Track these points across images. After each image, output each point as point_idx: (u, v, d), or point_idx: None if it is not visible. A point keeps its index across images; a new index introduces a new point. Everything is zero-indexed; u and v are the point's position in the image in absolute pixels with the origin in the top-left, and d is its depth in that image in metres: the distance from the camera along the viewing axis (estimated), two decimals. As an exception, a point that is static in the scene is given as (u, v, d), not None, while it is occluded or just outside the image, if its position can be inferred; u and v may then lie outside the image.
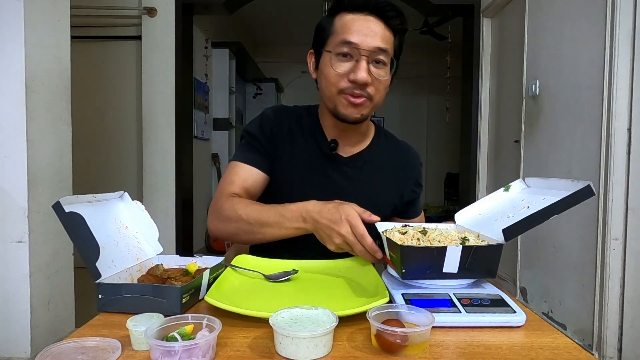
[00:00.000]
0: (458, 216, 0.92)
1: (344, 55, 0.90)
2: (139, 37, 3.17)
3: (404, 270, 0.68)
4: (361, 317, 0.61)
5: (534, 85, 2.36)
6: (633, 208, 1.76)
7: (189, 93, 3.39)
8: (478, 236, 0.80)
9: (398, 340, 0.55)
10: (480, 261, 0.69)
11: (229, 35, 4.69)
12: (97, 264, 0.71)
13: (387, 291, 0.70)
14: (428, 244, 0.75)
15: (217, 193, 0.99)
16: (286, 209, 0.87)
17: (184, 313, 0.65)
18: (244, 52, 4.74)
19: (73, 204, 0.71)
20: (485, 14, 3.07)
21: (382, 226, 0.85)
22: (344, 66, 0.90)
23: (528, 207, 0.77)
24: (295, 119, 1.06)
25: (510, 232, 0.71)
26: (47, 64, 1.74)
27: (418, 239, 0.78)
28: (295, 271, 0.85)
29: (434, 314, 0.59)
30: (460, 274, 0.69)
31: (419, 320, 0.60)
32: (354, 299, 0.73)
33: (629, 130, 1.76)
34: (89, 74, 3.18)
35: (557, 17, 2.20)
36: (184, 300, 0.68)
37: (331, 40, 0.92)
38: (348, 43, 0.88)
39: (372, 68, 0.90)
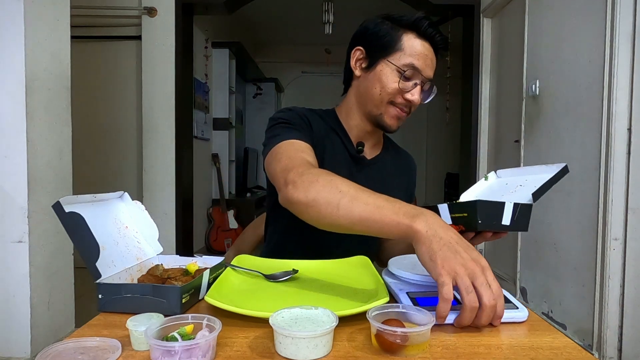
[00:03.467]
0: (462, 198, 0.99)
1: (407, 77, 0.98)
2: (139, 37, 3.17)
3: (480, 221, 0.78)
4: (361, 317, 0.61)
5: (534, 85, 2.36)
6: (633, 208, 1.75)
7: (189, 93, 3.38)
8: None
9: (398, 340, 0.55)
10: (521, 217, 0.79)
11: (229, 35, 4.69)
12: (97, 264, 0.71)
13: (387, 291, 0.70)
14: None
15: (285, 165, 0.83)
16: (395, 199, 0.70)
17: (184, 313, 0.65)
18: (244, 52, 4.74)
19: (73, 204, 0.71)
20: (485, 14, 3.07)
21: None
22: (405, 85, 0.99)
23: (520, 185, 0.88)
24: (320, 118, 1.07)
25: (537, 194, 0.81)
26: (47, 64, 1.74)
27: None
28: (295, 271, 0.85)
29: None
30: (511, 226, 0.79)
31: (419, 320, 0.60)
32: (354, 299, 0.73)
33: (629, 130, 1.76)
34: (89, 74, 3.18)
35: (557, 17, 2.20)
36: (183, 300, 0.68)
37: (398, 56, 0.98)
38: (415, 68, 0.97)
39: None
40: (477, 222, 0.78)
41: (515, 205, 0.81)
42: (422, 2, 3.17)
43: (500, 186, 0.96)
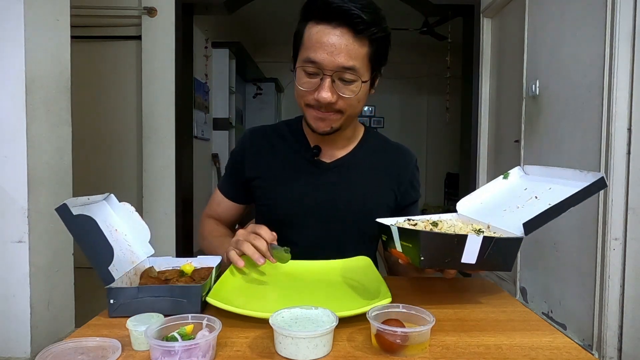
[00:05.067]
0: (460, 205, 0.90)
1: (310, 73, 0.87)
2: (139, 37, 3.16)
3: (422, 258, 0.66)
4: (361, 317, 0.61)
5: (534, 85, 2.36)
6: (633, 208, 1.75)
7: (189, 93, 3.38)
8: (488, 227, 0.78)
9: (398, 340, 0.54)
10: (499, 253, 0.67)
11: (229, 35, 4.69)
12: (109, 268, 0.69)
13: (389, 292, 0.70)
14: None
15: (205, 210, 1.16)
16: (221, 245, 0.98)
17: (201, 313, 0.65)
18: (244, 52, 4.74)
19: (79, 207, 0.71)
20: (485, 14, 3.07)
21: (387, 221, 0.84)
22: (310, 82, 0.87)
23: (536, 197, 0.75)
24: (276, 134, 1.06)
25: (531, 226, 0.69)
26: (47, 64, 1.74)
27: (431, 230, 0.76)
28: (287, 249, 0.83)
29: None
30: (478, 265, 0.67)
31: (419, 320, 0.60)
32: (356, 300, 0.73)
33: (629, 130, 1.76)
34: (89, 74, 3.17)
35: (557, 17, 2.20)
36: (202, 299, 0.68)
37: (300, 54, 0.89)
38: (312, 62, 0.84)
39: (339, 84, 0.86)
40: (418, 257, 0.66)
41: (487, 239, 0.66)
42: (422, 2, 3.17)
43: (513, 193, 0.83)
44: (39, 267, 1.68)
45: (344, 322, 0.62)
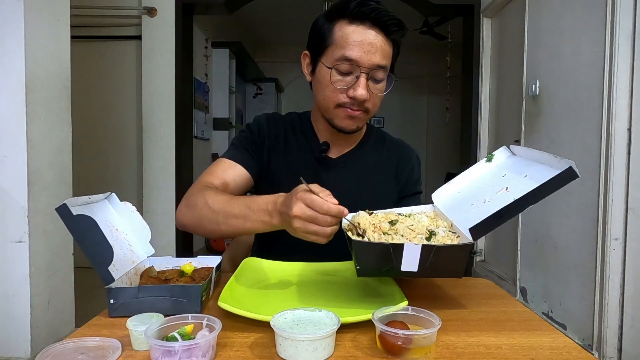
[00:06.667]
0: (436, 196, 0.86)
1: (344, 72, 0.88)
2: (139, 37, 3.16)
3: (358, 267, 0.64)
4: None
5: (534, 85, 2.36)
6: (633, 208, 1.75)
7: (189, 93, 3.38)
8: (451, 226, 0.75)
9: (399, 342, 0.54)
10: (444, 261, 0.64)
11: (229, 35, 4.68)
12: (109, 268, 0.69)
13: (404, 296, 0.69)
14: (390, 239, 0.69)
15: (194, 183, 0.97)
16: (254, 201, 0.81)
17: (201, 312, 0.65)
18: (244, 52, 4.74)
19: (79, 206, 0.71)
20: (485, 14, 3.06)
21: (350, 215, 0.78)
22: (344, 81, 0.89)
23: (507, 188, 0.71)
24: (290, 125, 1.07)
25: (478, 231, 0.65)
26: (47, 64, 1.74)
27: (382, 232, 0.73)
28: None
29: None
30: (421, 272, 0.64)
31: (426, 323, 0.59)
32: (370, 303, 0.71)
33: (629, 130, 1.76)
34: (89, 74, 3.17)
35: (557, 17, 2.20)
36: (202, 299, 0.68)
37: (330, 52, 0.90)
38: (348, 60, 0.86)
39: (371, 83, 0.90)
40: (355, 266, 0.64)
41: (427, 248, 0.62)
42: (422, 2, 3.17)
43: (490, 180, 0.78)
44: (39, 267, 1.68)
45: (351, 323, 0.62)
